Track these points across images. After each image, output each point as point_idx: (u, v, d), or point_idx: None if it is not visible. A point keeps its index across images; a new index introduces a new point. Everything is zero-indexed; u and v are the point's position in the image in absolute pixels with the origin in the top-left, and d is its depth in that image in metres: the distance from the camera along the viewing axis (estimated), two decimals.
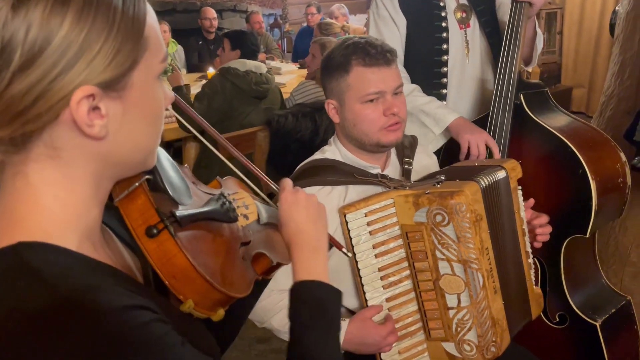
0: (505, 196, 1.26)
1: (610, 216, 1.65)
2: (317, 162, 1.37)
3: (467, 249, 1.17)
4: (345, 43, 1.30)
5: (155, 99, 0.61)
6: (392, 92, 1.28)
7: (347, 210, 1.22)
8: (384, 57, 1.26)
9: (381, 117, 1.27)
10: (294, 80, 4.70)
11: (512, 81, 1.60)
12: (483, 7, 1.79)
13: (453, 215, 1.15)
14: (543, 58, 5.88)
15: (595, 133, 1.63)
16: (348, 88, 1.27)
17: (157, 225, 0.60)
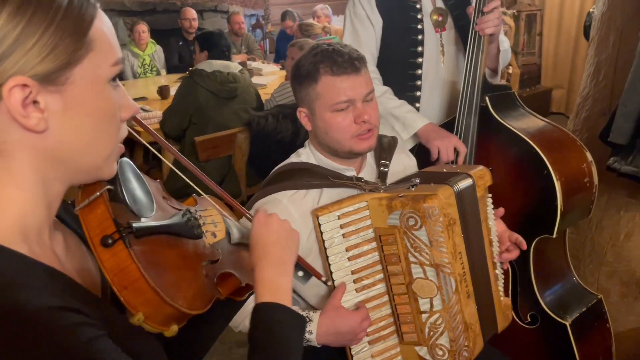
0: (471, 204, 1.25)
1: (577, 216, 1.66)
2: (291, 165, 1.36)
3: (440, 253, 1.16)
4: (313, 51, 1.28)
5: (103, 101, 0.61)
6: (362, 100, 1.27)
7: (320, 212, 1.21)
8: (352, 64, 1.25)
9: (352, 125, 1.26)
10: (275, 81, 4.68)
11: (478, 84, 1.61)
12: (459, 12, 1.79)
13: (425, 219, 1.15)
14: (523, 59, 5.94)
15: (561, 134, 1.64)
16: (317, 97, 1.26)
17: (112, 235, 0.61)
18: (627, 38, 1.86)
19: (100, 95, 0.60)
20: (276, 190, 1.29)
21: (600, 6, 2.02)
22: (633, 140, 1.64)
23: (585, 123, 2.09)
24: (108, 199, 0.64)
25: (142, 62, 5.07)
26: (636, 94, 1.60)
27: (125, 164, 0.70)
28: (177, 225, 0.70)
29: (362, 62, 1.28)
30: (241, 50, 5.81)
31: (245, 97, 3.09)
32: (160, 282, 0.61)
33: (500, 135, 1.62)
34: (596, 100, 2.02)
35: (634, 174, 1.63)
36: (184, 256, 0.70)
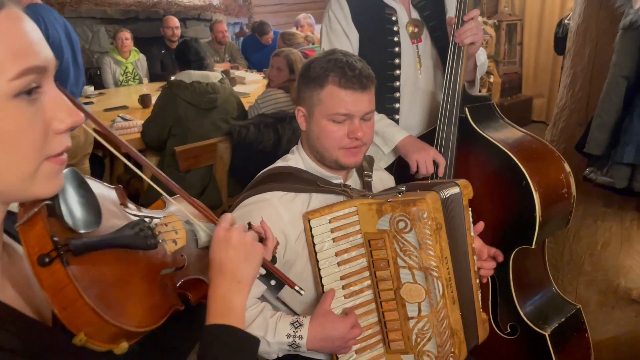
0: (458, 212, 1.27)
1: (556, 226, 1.67)
2: (280, 169, 1.36)
3: (428, 256, 1.18)
4: (328, 56, 1.29)
5: (5, 121, 0.55)
6: (361, 117, 1.28)
7: (311, 215, 1.22)
8: (360, 81, 1.26)
9: (344, 138, 1.27)
10: (258, 89, 4.67)
11: (457, 95, 1.62)
12: (435, 23, 1.80)
13: (415, 221, 1.17)
14: (504, 68, 6.01)
15: (539, 144, 1.65)
16: (319, 102, 1.28)
17: (50, 253, 0.58)
18: (602, 50, 1.88)
19: (3, 114, 0.54)
20: (266, 190, 1.29)
21: (575, 18, 2.05)
22: (608, 151, 1.66)
23: (563, 133, 2.11)
24: (46, 215, 0.61)
25: (125, 69, 5.04)
26: (611, 106, 1.63)
27: (68, 175, 0.66)
28: (124, 237, 0.68)
29: (371, 81, 1.30)
30: (224, 58, 5.79)
31: (226, 107, 3.08)
32: (101, 301, 0.59)
33: (479, 146, 1.63)
34: (573, 111, 2.05)
35: (610, 184, 1.65)
36: (134, 269, 0.68)
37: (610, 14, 1.75)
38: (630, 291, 1.89)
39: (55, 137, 0.59)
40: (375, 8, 1.78)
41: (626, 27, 1.58)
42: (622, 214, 1.89)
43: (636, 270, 1.87)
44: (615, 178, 1.63)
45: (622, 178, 1.62)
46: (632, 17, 1.53)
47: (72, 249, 0.60)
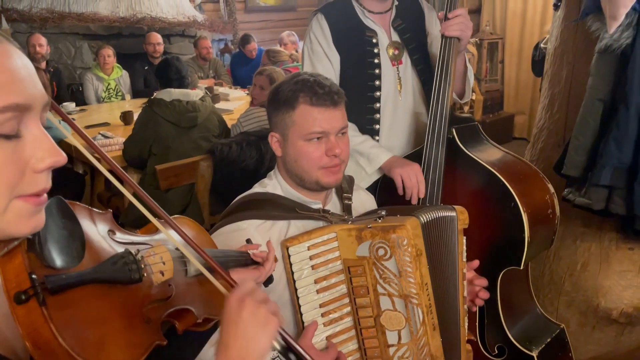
0: (451, 235, 1.27)
1: (541, 247, 1.68)
2: (257, 195, 1.34)
3: (408, 284, 1.17)
4: (294, 78, 1.29)
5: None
6: (336, 133, 1.28)
7: (289, 243, 1.20)
8: (331, 98, 1.26)
9: (323, 156, 1.26)
10: (242, 106, 4.66)
11: (445, 116, 1.63)
12: (415, 45, 1.82)
13: (395, 249, 1.16)
14: (486, 86, 6.09)
15: (524, 166, 1.66)
16: (293, 124, 1.26)
17: (27, 291, 0.56)
18: (579, 72, 1.91)
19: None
20: (242, 218, 1.26)
21: (553, 41, 2.08)
22: (586, 173, 1.68)
23: (542, 153, 2.13)
24: (26, 249, 0.59)
25: (107, 86, 5.01)
26: (587, 128, 1.65)
27: (53, 205, 0.64)
28: (107, 273, 0.65)
29: (341, 96, 1.30)
30: (209, 74, 5.79)
31: (207, 126, 3.06)
32: (77, 342, 0.57)
33: (467, 167, 1.63)
34: (551, 132, 2.07)
35: (588, 206, 1.67)
36: (115, 305, 0.66)
37: (586, 37, 1.78)
38: (610, 311, 1.90)
39: (33, 176, 0.57)
40: (356, 30, 1.79)
41: (602, 51, 1.61)
42: (600, 235, 1.91)
43: (615, 290, 1.89)
44: (593, 200, 1.65)
45: (599, 200, 1.64)
46: (607, 42, 1.56)
47: (49, 287, 0.58)
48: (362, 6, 1.80)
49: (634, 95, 1.51)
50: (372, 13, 1.80)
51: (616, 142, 1.55)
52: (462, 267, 1.30)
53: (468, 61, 1.81)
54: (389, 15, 1.82)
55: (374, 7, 1.80)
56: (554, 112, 2.05)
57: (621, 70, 1.58)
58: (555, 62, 2.04)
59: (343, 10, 1.81)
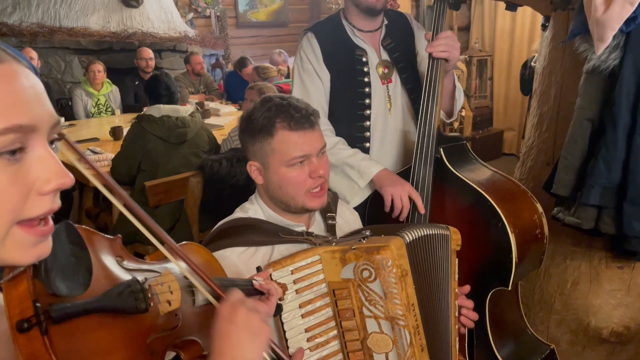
0: (443, 254, 1.27)
1: (530, 267, 1.68)
2: (238, 221, 1.32)
3: (394, 305, 1.15)
4: (266, 104, 1.26)
5: None
6: (317, 154, 1.27)
7: (273, 267, 1.17)
8: (309, 120, 1.25)
9: (307, 179, 1.25)
10: (232, 121, 4.66)
11: (432, 135, 1.63)
12: (404, 64, 1.83)
13: (380, 270, 1.14)
14: (476, 102, 6.14)
15: (512, 185, 1.66)
16: (272, 152, 1.24)
17: (30, 319, 0.55)
18: (567, 92, 1.93)
19: None
20: (224, 246, 1.24)
21: (541, 60, 2.10)
22: (575, 192, 1.69)
23: (531, 172, 2.14)
24: (32, 275, 0.57)
25: (97, 102, 4.99)
26: (576, 148, 1.65)
27: (61, 231, 0.62)
28: (112, 302, 0.64)
29: (317, 116, 1.29)
30: (199, 90, 5.79)
31: (197, 141, 3.05)
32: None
33: (455, 187, 1.63)
34: (540, 150, 2.08)
35: (577, 225, 1.67)
36: (120, 335, 0.65)
37: (574, 57, 1.80)
38: (600, 330, 1.89)
39: (38, 198, 0.56)
40: (346, 49, 1.80)
41: (589, 72, 1.62)
42: (590, 253, 1.91)
43: (605, 309, 1.88)
44: (582, 219, 1.65)
45: (588, 219, 1.64)
46: (594, 63, 1.57)
47: (53, 316, 0.57)
48: (352, 25, 1.81)
49: (621, 116, 1.52)
50: (361, 32, 1.81)
51: (605, 162, 1.55)
52: (454, 287, 1.29)
53: (457, 80, 1.82)
54: (378, 34, 1.84)
55: (363, 26, 1.81)
56: (543, 131, 2.06)
57: (609, 90, 1.59)
58: (544, 81, 2.06)
59: (333, 29, 1.82)
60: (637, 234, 1.54)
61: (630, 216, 1.53)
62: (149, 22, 5.93)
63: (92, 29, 5.57)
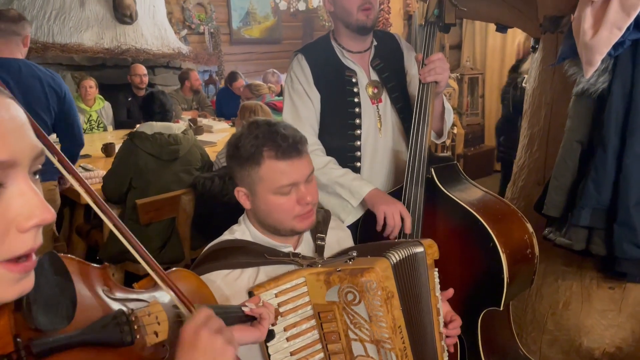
0: (423, 272, 1.25)
1: (521, 287, 1.68)
2: (225, 243, 1.31)
3: (380, 329, 1.14)
4: (253, 132, 1.25)
5: None
6: (305, 181, 1.26)
7: (256, 291, 1.15)
8: (296, 148, 1.24)
9: (295, 206, 1.25)
10: (225, 138, 4.66)
11: (423, 156, 1.64)
12: (394, 84, 1.85)
13: (364, 293, 1.13)
14: (467, 120, 6.19)
15: (503, 205, 1.67)
16: (260, 180, 1.23)
17: (10, 355, 0.54)
18: (557, 113, 1.95)
19: None
20: (209, 270, 1.23)
21: (531, 82, 2.12)
22: (566, 213, 1.69)
23: (522, 191, 2.15)
24: (13, 309, 0.56)
25: (89, 117, 4.98)
26: (566, 169, 1.67)
27: (45, 262, 0.61)
28: (97, 335, 0.62)
29: (304, 143, 1.27)
30: (192, 106, 5.80)
31: (189, 159, 3.04)
32: None
33: (446, 207, 1.64)
34: (531, 170, 2.10)
35: (568, 246, 1.67)
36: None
37: (563, 79, 1.82)
38: (593, 351, 1.89)
39: (19, 236, 0.54)
40: (335, 70, 1.82)
41: (579, 94, 1.64)
42: (581, 273, 1.92)
43: (597, 329, 1.89)
44: (573, 240, 1.66)
45: (579, 240, 1.65)
46: (583, 86, 1.59)
47: (34, 351, 0.55)
48: (341, 46, 1.84)
49: (610, 138, 1.54)
50: (351, 53, 1.84)
51: (595, 183, 1.57)
52: (435, 303, 1.28)
53: (446, 100, 1.84)
54: (368, 55, 1.86)
55: (353, 47, 1.84)
56: (533, 151, 2.08)
57: (598, 113, 1.61)
58: (534, 102, 2.08)
59: (323, 50, 1.85)
60: (627, 255, 1.55)
61: (620, 238, 1.54)
62: (142, 38, 5.95)
63: (85, 45, 5.57)
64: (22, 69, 2.62)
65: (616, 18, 1.42)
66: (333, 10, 1.81)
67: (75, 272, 0.66)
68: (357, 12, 1.75)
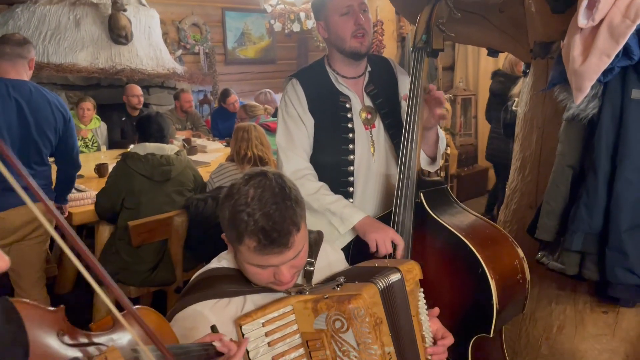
0: (401, 299, 1.22)
1: (513, 313, 1.67)
2: (213, 271, 1.30)
3: (369, 356, 1.13)
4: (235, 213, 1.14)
5: None
6: (288, 261, 1.18)
7: (242, 321, 1.14)
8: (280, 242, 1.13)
9: (271, 278, 1.18)
10: (220, 158, 4.67)
11: (412, 180, 1.65)
12: (387, 110, 1.86)
13: (352, 320, 1.12)
14: (461, 140, 6.23)
15: (493, 230, 1.67)
16: (239, 252, 1.17)
17: None
18: (548, 137, 1.96)
19: None
20: (196, 300, 1.21)
21: (523, 106, 2.14)
22: (558, 237, 1.69)
23: (515, 215, 2.15)
24: None
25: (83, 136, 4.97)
26: (558, 194, 1.67)
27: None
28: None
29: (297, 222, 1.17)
30: (186, 126, 5.81)
31: (181, 180, 3.04)
32: None
33: (435, 231, 1.64)
34: (523, 194, 2.10)
35: (561, 271, 1.67)
36: None
37: (554, 104, 1.84)
38: None
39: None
40: (329, 95, 1.83)
41: (569, 119, 1.65)
42: (575, 297, 1.91)
43: (591, 354, 1.87)
44: (566, 264, 1.65)
45: (572, 265, 1.64)
46: (574, 111, 1.60)
47: None
48: (336, 72, 1.85)
49: (601, 164, 1.54)
50: (345, 78, 1.85)
51: (586, 208, 1.57)
52: (418, 329, 1.25)
53: (440, 129, 1.85)
54: (362, 80, 1.87)
55: (347, 72, 1.85)
56: (525, 175, 2.09)
57: (589, 137, 1.62)
58: (526, 126, 2.10)
59: (317, 76, 1.86)
60: (620, 280, 1.55)
61: (612, 263, 1.53)
62: (137, 58, 5.97)
63: (80, 65, 5.59)
64: (32, 90, 2.71)
65: (605, 46, 1.44)
66: (327, 37, 1.83)
67: (29, 318, 0.64)
68: (350, 38, 1.77)
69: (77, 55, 5.63)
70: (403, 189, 1.66)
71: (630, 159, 1.50)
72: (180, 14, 7.68)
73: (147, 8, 6.32)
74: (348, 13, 1.75)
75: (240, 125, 3.35)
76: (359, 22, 1.76)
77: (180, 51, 7.58)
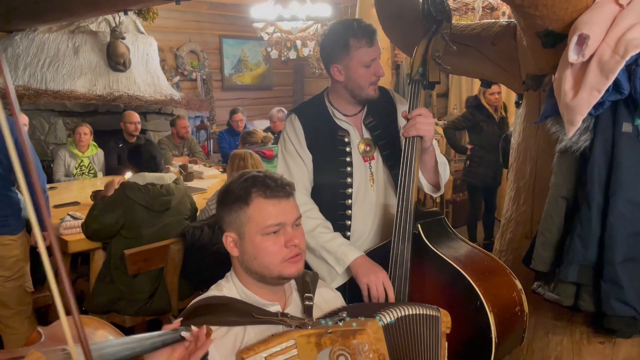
0: (432, 336, 1.28)
1: (511, 345, 1.67)
2: (212, 299, 1.30)
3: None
4: (243, 177, 1.31)
5: None
6: (292, 224, 1.29)
7: (245, 354, 1.14)
8: (284, 189, 1.29)
9: (282, 249, 1.26)
10: (216, 184, 4.68)
11: (410, 211, 1.66)
12: (385, 141, 1.88)
13: (356, 355, 1.12)
14: (455, 166, 6.26)
15: (491, 261, 1.68)
16: (248, 220, 1.26)
17: None
18: (542, 167, 1.98)
19: None
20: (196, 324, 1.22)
21: (516, 136, 2.17)
22: (554, 268, 1.70)
23: (510, 244, 2.16)
24: None
25: (80, 163, 4.98)
26: (552, 225, 1.68)
27: None
28: None
29: (292, 188, 1.32)
30: (183, 152, 5.83)
31: (180, 209, 3.05)
32: None
33: (433, 263, 1.64)
34: (518, 224, 2.11)
35: (557, 302, 1.67)
36: None
37: (547, 135, 1.86)
38: None
39: None
40: (328, 130, 1.85)
41: (562, 151, 1.68)
42: (571, 328, 1.91)
43: None
44: (561, 295, 1.66)
45: (568, 296, 1.65)
46: (566, 143, 1.63)
47: None
48: (335, 108, 1.87)
49: (594, 196, 1.56)
50: (345, 115, 1.87)
51: (581, 239, 1.58)
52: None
53: (440, 153, 1.85)
54: (361, 114, 1.89)
55: (348, 110, 1.87)
56: (520, 204, 2.10)
57: (581, 170, 1.64)
58: (519, 156, 2.12)
59: (316, 111, 1.88)
60: (615, 312, 1.55)
61: (607, 295, 1.54)
62: (135, 85, 6.02)
63: (78, 92, 5.63)
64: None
65: (595, 81, 1.47)
66: (342, 81, 1.81)
67: None
68: (368, 87, 1.79)
69: (75, 82, 5.68)
70: (401, 221, 1.67)
71: (623, 192, 1.52)
72: (178, 41, 7.78)
73: (145, 36, 6.40)
74: (370, 66, 1.76)
75: (236, 153, 3.37)
76: (379, 74, 1.78)
77: (177, 77, 7.66)
